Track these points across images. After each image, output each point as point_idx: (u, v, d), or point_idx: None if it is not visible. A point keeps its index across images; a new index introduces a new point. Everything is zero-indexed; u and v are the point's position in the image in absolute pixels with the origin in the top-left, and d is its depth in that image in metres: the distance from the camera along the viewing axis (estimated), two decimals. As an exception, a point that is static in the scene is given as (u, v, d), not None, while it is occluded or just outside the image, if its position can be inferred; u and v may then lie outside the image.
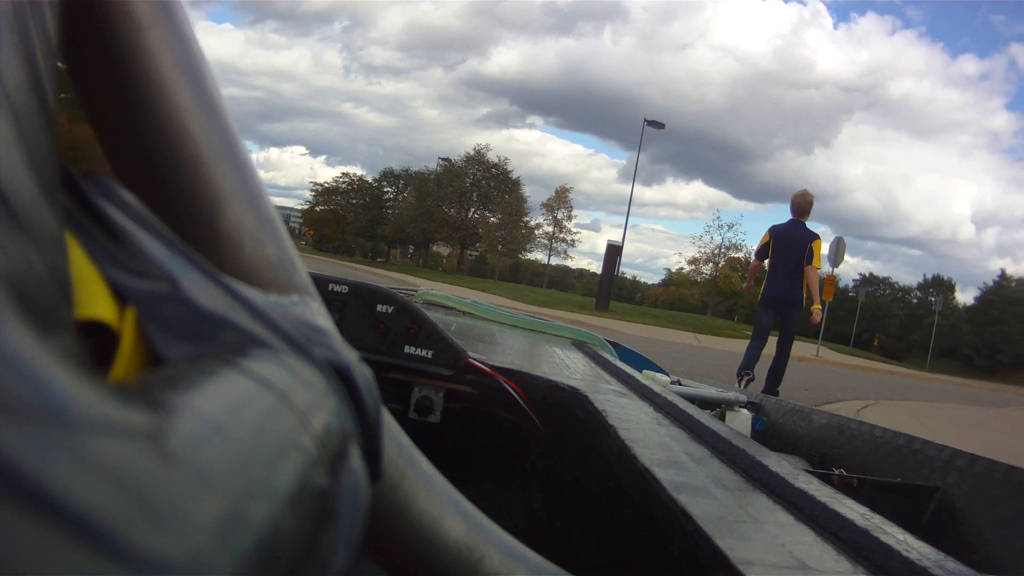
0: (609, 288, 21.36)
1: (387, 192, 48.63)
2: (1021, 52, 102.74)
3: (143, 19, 0.24)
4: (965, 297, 61.76)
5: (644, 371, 1.82)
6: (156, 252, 0.19)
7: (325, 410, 0.20)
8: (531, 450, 1.11)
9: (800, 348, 18.42)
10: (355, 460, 0.21)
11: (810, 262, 5.08)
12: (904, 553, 0.46)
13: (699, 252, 45.52)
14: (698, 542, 0.48)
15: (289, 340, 0.21)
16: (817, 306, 5.23)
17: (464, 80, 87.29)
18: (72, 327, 0.15)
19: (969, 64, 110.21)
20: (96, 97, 0.24)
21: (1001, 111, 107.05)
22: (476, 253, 49.04)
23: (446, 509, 0.32)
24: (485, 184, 43.38)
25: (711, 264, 45.19)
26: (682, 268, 52.41)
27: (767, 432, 1.86)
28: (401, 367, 1.04)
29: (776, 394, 5.27)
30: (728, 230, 44.56)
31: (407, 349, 1.04)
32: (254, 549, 0.13)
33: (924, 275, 61.70)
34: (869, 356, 26.04)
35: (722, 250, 44.64)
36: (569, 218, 43.26)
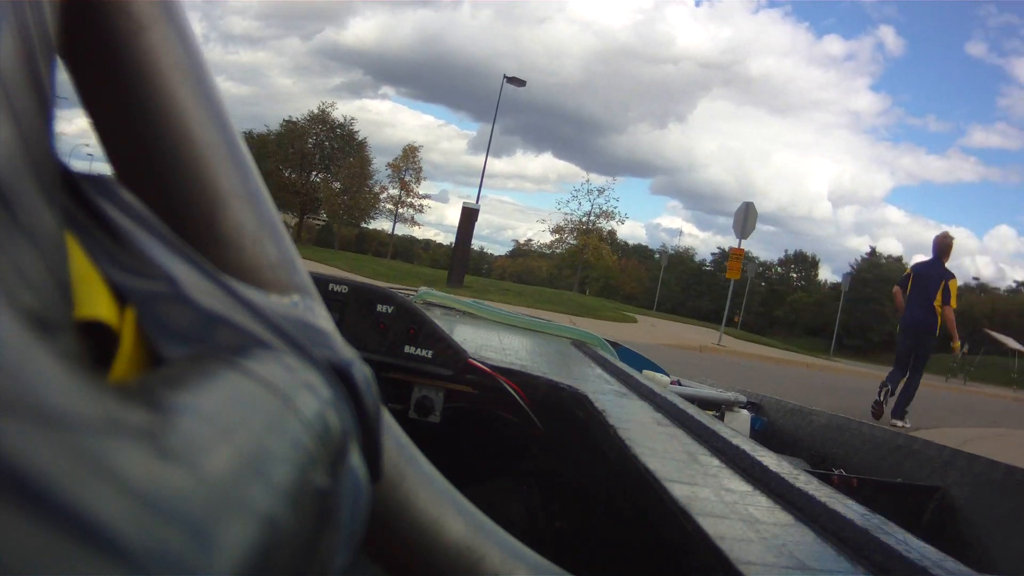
0: (465, 259, 17.42)
1: (228, 157, 45.50)
2: (890, 34, 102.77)
3: (143, 19, 0.24)
4: (825, 274, 60.88)
5: (644, 371, 1.82)
6: (156, 252, 0.19)
7: (325, 410, 0.20)
8: (531, 450, 1.11)
9: (703, 336, 17.12)
10: (355, 460, 0.21)
11: (947, 302, 5.69)
12: (904, 553, 0.46)
13: (565, 220, 40.60)
14: (698, 542, 0.48)
15: (289, 340, 0.21)
16: (956, 344, 5.92)
17: (320, 50, 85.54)
18: (72, 327, 0.15)
19: (835, 44, 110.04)
20: (96, 97, 0.24)
21: (865, 91, 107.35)
22: (322, 223, 45.39)
23: (446, 509, 0.32)
24: (328, 145, 38.91)
25: (577, 233, 39.97)
26: (530, 240, 47.73)
27: (767, 432, 1.86)
28: (401, 367, 1.04)
29: (905, 414, 5.80)
30: (599, 195, 39.49)
31: (407, 349, 1.04)
32: (254, 549, 0.13)
33: (786, 251, 60.71)
34: (771, 343, 24.85)
35: (591, 218, 39.74)
36: (417, 180, 38.99)
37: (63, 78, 0.22)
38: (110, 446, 0.11)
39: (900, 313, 6.05)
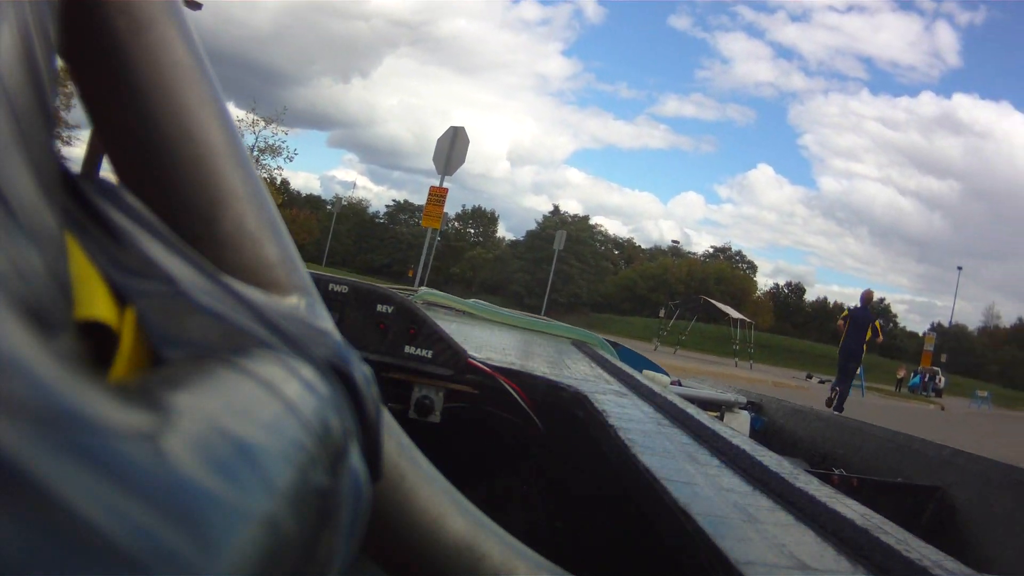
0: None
1: None
2: (590, 3, 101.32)
3: (143, 19, 0.24)
4: (501, 231, 60.37)
5: (644, 371, 1.83)
6: (156, 252, 0.19)
7: (325, 410, 0.20)
8: (531, 450, 1.11)
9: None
10: (355, 460, 0.21)
11: (876, 336, 8.96)
12: (904, 553, 0.46)
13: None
14: (698, 542, 0.48)
15: (289, 340, 0.21)
16: (880, 334, 9.15)
17: None
18: (72, 327, 0.15)
19: (531, 9, 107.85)
20: (96, 97, 0.24)
21: (556, 56, 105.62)
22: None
23: (446, 508, 0.32)
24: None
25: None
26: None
27: (767, 432, 1.86)
28: (401, 367, 1.04)
29: (840, 407, 8.66)
30: (264, 127, 33.80)
31: (407, 349, 1.04)
32: (254, 549, 0.13)
33: (463, 205, 59.29)
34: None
35: (255, 153, 33.55)
36: (67, 107, 32.19)
37: (63, 78, 0.22)
38: (110, 446, 0.11)
39: (842, 338, 9.15)
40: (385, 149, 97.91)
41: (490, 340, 1.45)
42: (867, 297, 9.37)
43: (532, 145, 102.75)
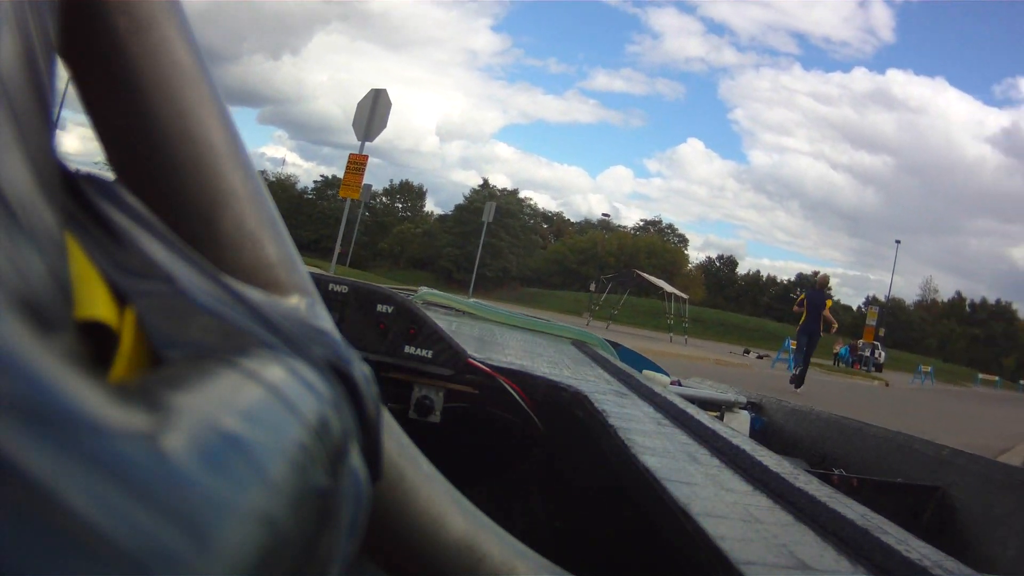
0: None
1: None
2: None
3: (143, 19, 0.24)
4: (429, 205, 61.19)
5: (644, 371, 1.83)
6: (156, 252, 0.19)
7: (325, 410, 0.20)
8: (531, 450, 1.11)
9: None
10: (355, 460, 0.21)
11: (825, 308, 10.06)
12: (904, 553, 0.46)
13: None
14: (698, 542, 0.48)
15: (289, 340, 0.21)
16: (835, 326, 10.55)
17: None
18: (72, 327, 0.15)
19: None
20: (96, 97, 0.24)
21: (485, 31, 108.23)
22: None
23: (446, 509, 0.32)
24: None
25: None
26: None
27: (767, 432, 1.86)
28: (401, 367, 1.05)
29: (801, 382, 10.21)
30: None
31: (407, 349, 1.04)
32: (253, 549, 0.13)
33: (391, 180, 60.09)
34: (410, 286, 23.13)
35: None
36: None
37: (63, 78, 0.22)
38: (110, 446, 0.11)
39: (801, 320, 10.21)
40: (315, 125, 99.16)
41: (490, 340, 1.45)
42: (822, 281, 11.04)
43: (461, 120, 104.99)
